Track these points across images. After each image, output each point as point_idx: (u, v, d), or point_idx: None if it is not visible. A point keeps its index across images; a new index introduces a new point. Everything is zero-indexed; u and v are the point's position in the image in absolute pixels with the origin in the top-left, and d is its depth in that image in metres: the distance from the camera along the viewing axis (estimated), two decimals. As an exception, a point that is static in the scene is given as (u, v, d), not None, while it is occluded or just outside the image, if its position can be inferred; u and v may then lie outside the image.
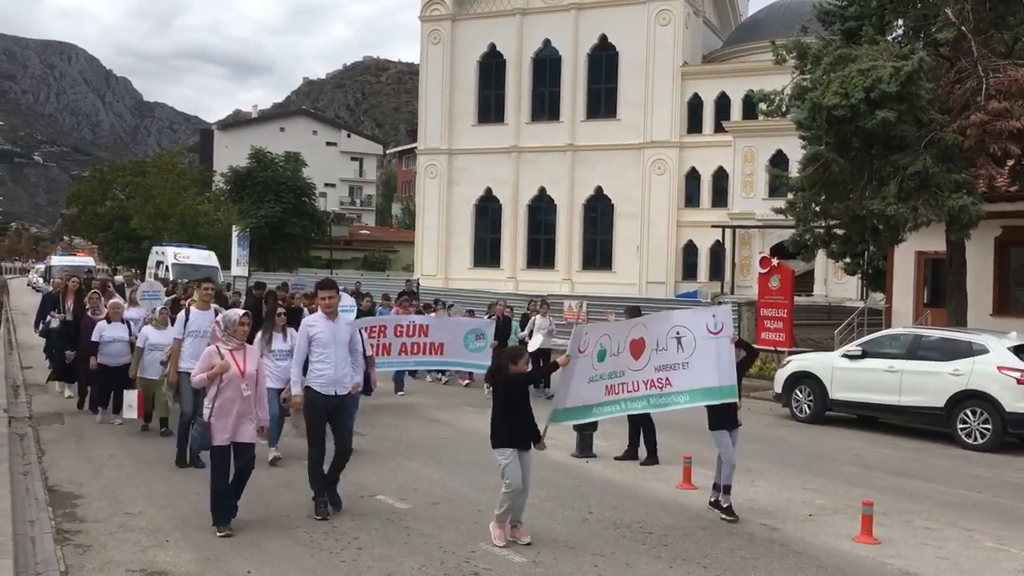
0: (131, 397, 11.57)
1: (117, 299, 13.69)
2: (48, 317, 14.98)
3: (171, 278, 28.96)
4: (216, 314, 9.40)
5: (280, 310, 10.72)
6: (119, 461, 10.10)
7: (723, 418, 8.45)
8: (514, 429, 7.34)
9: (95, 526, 7.58)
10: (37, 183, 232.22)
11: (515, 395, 7.40)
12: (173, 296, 15.59)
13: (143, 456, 10.43)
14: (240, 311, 7.83)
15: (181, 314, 10.26)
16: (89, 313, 13.23)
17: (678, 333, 8.10)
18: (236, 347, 7.50)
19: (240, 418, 7.37)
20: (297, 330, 8.92)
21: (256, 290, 18.54)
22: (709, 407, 8.34)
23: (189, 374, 9.10)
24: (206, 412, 7.39)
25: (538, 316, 17.49)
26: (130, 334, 12.56)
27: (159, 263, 35.18)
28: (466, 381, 18.27)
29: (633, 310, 12.20)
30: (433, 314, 18.11)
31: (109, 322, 12.60)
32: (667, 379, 8.09)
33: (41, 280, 51.32)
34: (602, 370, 8.10)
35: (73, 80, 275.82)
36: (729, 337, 8.17)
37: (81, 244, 69.76)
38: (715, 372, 8.06)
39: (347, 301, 12.20)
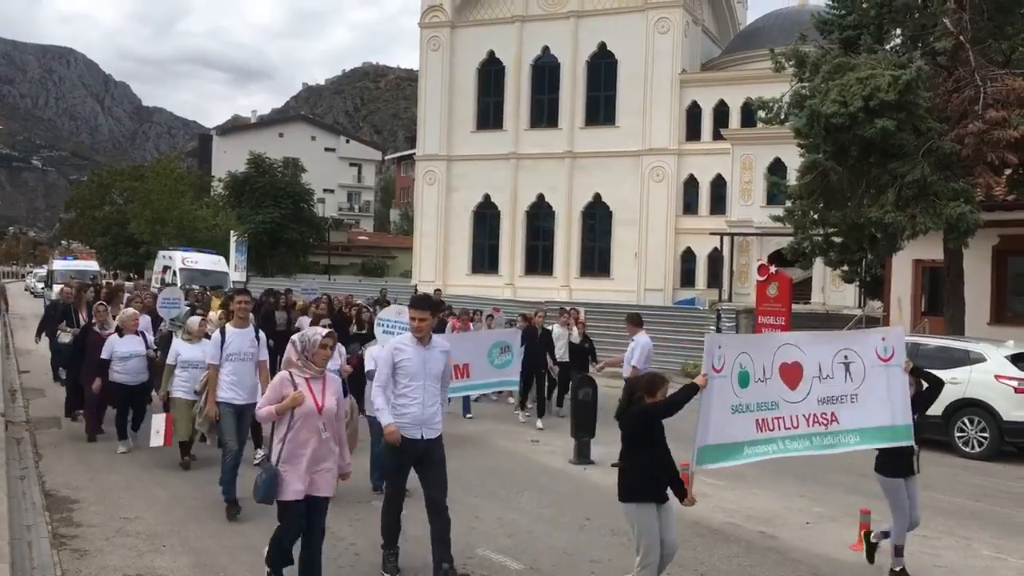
0: (159, 422, 10.02)
1: (130, 308, 12.05)
2: (58, 332, 13.70)
3: (179, 283, 27.76)
4: (256, 331, 8.75)
5: (326, 322, 9.52)
6: (116, 466, 10.08)
7: (899, 464, 7.07)
8: (657, 477, 6.04)
9: (92, 531, 7.57)
10: (35, 187, 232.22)
11: (655, 433, 6.09)
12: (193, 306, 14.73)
13: (140, 460, 10.40)
14: (321, 329, 6.17)
15: (216, 334, 8.68)
16: (96, 328, 11.82)
17: (846, 358, 6.77)
18: (314, 375, 5.92)
19: (316, 464, 5.83)
20: (346, 347, 8.50)
21: (268, 297, 17.84)
22: (880, 449, 7.08)
23: (231, 406, 8.33)
24: (273, 455, 5.84)
25: (556, 325, 16.01)
26: (147, 347, 11.25)
27: (166, 268, 33.56)
28: (495, 397, 16.75)
29: (634, 318, 12.21)
30: (472, 326, 16.90)
31: (122, 335, 11.08)
32: (833, 415, 6.73)
33: (40, 285, 50.25)
34: (748, 399, 6.48)
35: (72, 84, 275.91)
36: (901, 366, 6.87)
37: (79, 248, 69.59)
38: (887, 408, 6.82)
39: (406, 317, 10.93)
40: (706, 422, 6.24)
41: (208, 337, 10.10)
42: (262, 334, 8.82)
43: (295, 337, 6.04)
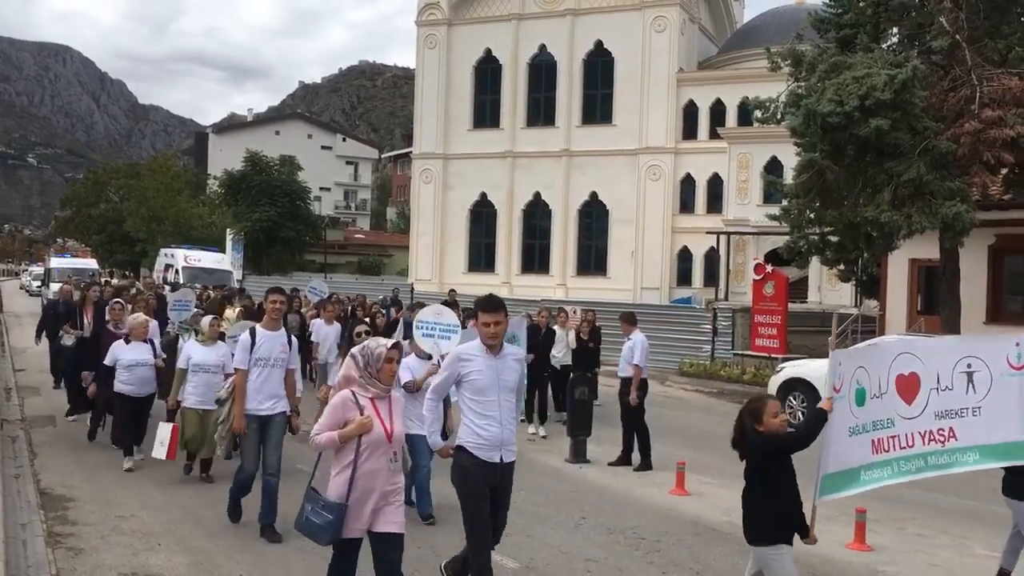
0: (164, 432, 9.23)
1: (141, 314, 10.87)
2: (61, 333, 12.86)
3: (181, 282, 26.90)
4: (289, 335, 7.82)
5: (363, 328, 8.56)
6: (111, 464, 10.04)
7: None
8: (791, 514, 5.37)
9: (87, 529, 7.55)
10: (31, 185, 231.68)
11: (784, 466, 5.35)
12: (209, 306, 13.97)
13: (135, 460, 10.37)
14: (384, 340, 5.24)
15: (244, 336, 7.66)
16: (111, 327, 11.01)
17: (969, 366, 5.97)
18: (379, 395, 5.07)
19: (384, 499, 5.03)
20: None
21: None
22: (1008, 469, 6.41)
23: (255, 417, 7.50)
24: (334, 489, 4.96)
25: (556, 326, 14.72)
26: (155, 355, 10.24)
27: (168, 266, 32.54)
28: None
29: (629, 317, 12.17)
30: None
31: (128, 341, 10.12)
32: (951, 430, 5.96)
33: (36, 284, 49.52)
34: (864, 418, 5.77)
35: (68, 82, 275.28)
36: None
37: (75, 246, 69.37)
38: (1018, 422, 6.05)
39: (447, 318, 8.89)
40: (827, 448, 5.62)
41: (222, 339, 9.74)
42: (295, 339, 7.97)
43: (355, 351, 5.12)
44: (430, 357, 8.27)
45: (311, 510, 4.93)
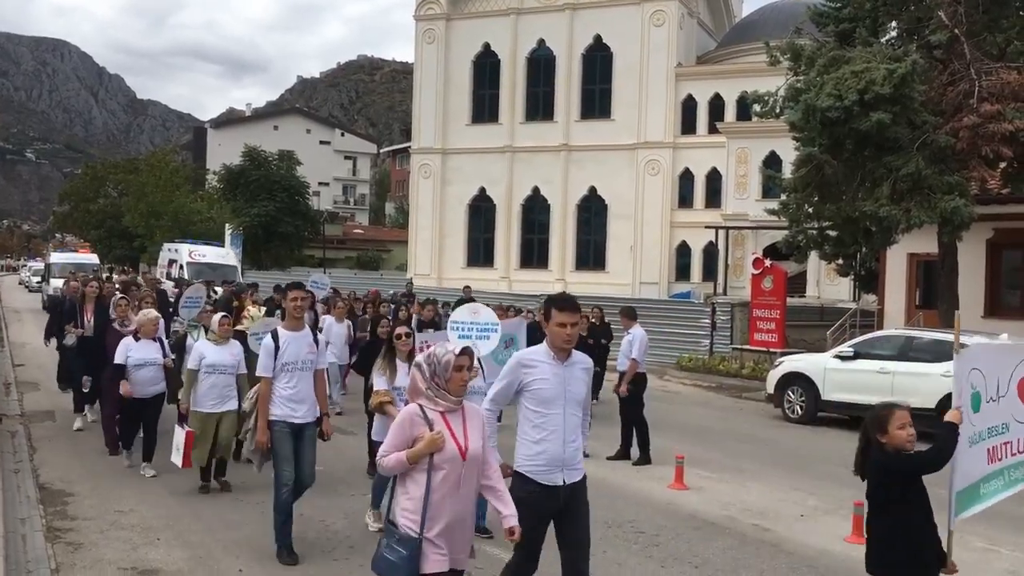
0: (179, 438, 8.66)
1: (152, 311, 10.29)
2: (65, 332, 12.24)
3: (186, 277, 26.33)
4: (315, 334, 7.30)
5: (404, 331, 7.68)
6: (110, 459, 10.05)
7: None
8: (927, 543, 4.68)
9: (86, 524, 7.56)
10: (29, 180, 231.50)
11: (918, 486, 4.72)
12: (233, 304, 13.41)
13: (135, 454, 10.37)
14: (452, 345, 4.52)
15: (267, 341, 7.00)
16: (116, 325, 10.52)
17: None
18: (450, 408, 4.39)
19: (457, 526, 4.34)
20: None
21: (277, 294, 17.12)
22: None
23: (287, 425, 6.87)
24: (403, 517, 4.27)
25: None
26: (164, 354, 9.79)
27: (172, 261, 31.67)
28: None
29: (628, 311, 12.17)
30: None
31: (137, 339, 9.63)
32: None
33: (36, 280, 48.66)
34: (980, 425, 5.20)
35: (66, 77, 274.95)
36: None
37: (73, 241, 69.28)
38: None
39: (484, 317, 8.30)
40: (955, 463, 5.00)
41: (236, 338, 9.24)
42: (321, 337, 7.43)
43: (420, 359, 4.45)
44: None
45: (386, 545, 4.29)
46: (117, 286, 14.97)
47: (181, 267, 29.76)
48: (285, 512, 6.88)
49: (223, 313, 9.48)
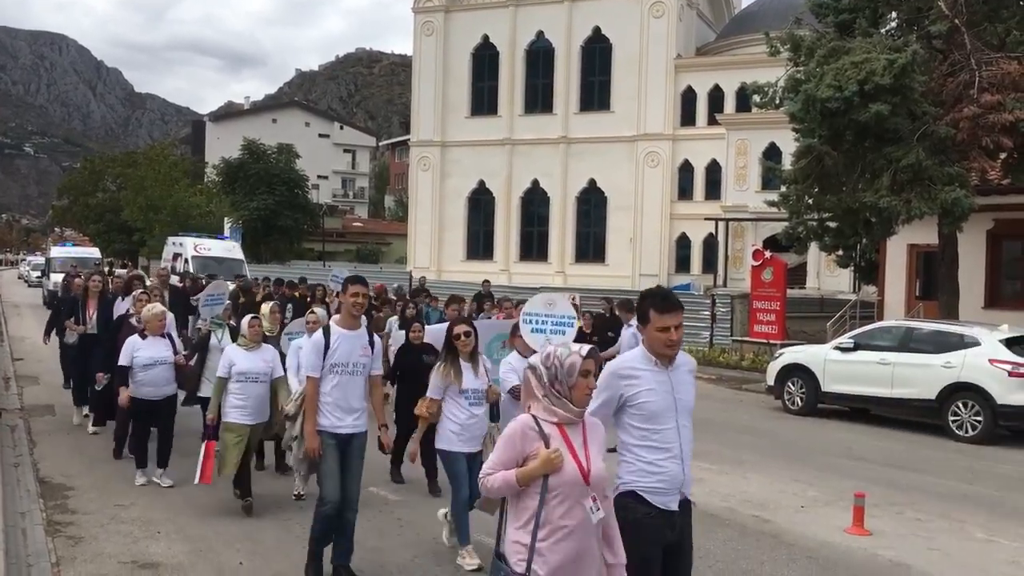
0: (201, 449, 7.99)
1: (157, 305, 9.52)
2: (66, 329, 11.73)
3: (191, 271, 25.34)
4: (371, 334, 6.40)
5: (464, 329, 6.75)
6: (110, 453, 10.03)
7: None
8: None
9: (86, 518, 7.56)
10: (28, 174, 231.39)
11: None
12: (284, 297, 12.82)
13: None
14: (576, 346, 3.75)
15: (317, 336, 6.28)
16: (134, 321, 9.65)
17: None
18: (570, 420, 3.65)
19: (578, 562, 3.56)
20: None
21: (287, 288, 15.91)
22: None
23: (333, 436, 6.13)
24: (513, 549, 3.57)
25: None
26: (175, 351, 9.02)
27: (176, 255, 30.30)
28: None
29: (627, 304, 12.13)
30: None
31: (144, 336, 8.84)
32: None
33: (36, 274, 48.11)
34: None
35: (64, 71, 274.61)
36: None
37: (72, 235, 69.25)
38: None
39: (560, 309, 7.52)
40: None
41: (267, 341, 8.43)
42: (378, 339, 6.54)
43: (537, 360, 3.70)
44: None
45: None
46: (119, 280, 14.46)
47: (186, 261, 28.84)
48: (324, 534, 6.15)
49: (253, 315, 8.39)
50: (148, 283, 14.01)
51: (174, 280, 21.35)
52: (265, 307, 10.17)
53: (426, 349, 9.10)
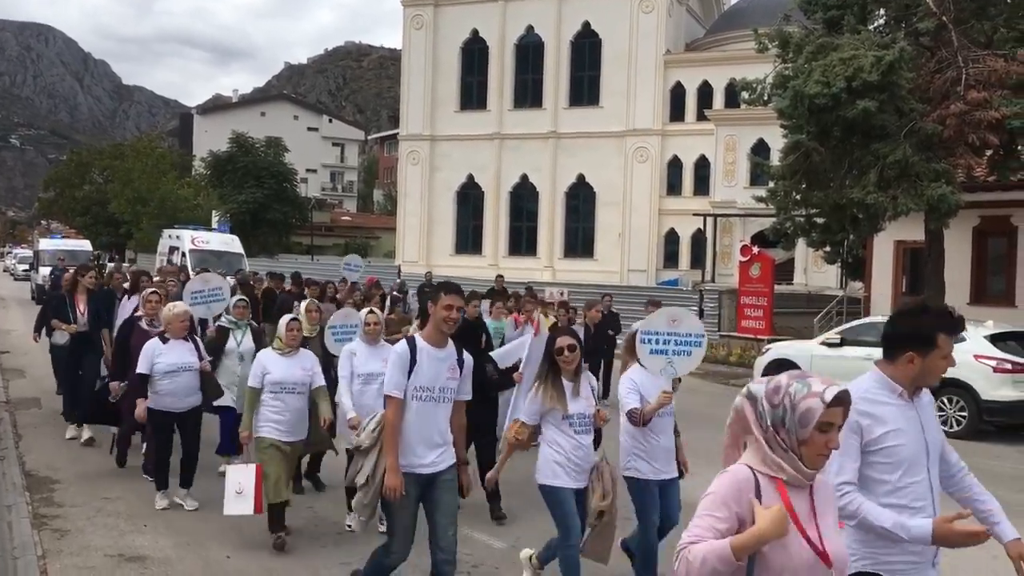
0: (243, 475, 6.82)
1: (179, 304, 8.34)
2: (53, 328, 10.67)
3: (189, 266, 24.05)
4: (460, 353, 5.22)
5: (568, 342, 5.57)
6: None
7: None
8: None
9: (73, 511, 7.54)
10: (14, 166, 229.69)
11: None
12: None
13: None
14: (819, 384, 2.57)
15: (401, 349, 5.09)
16: (143, 324, 8.59)
17: None
18: (797, 481, 2.61)
19: None
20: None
21: (294, 287, 14.81)
22: None
23: (412, 475, 5.08)
24: None
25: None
26: (200, 356, 7.95)
27: (173, 249, 29.19)
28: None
29: (656, 302, 11.78)
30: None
31: (166, 340, 7.78)
32: None
33: (23, 267, 47.10)
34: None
35: (50, 62, 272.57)
36: None
37: (59, 228, 68.90)
38: None
39: (687, 326, 6.15)
40: None
41: (305, 346, 7.51)
42: (468, 358, 5.33)
43: (757, 390, 2.67)
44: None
45: None
46: (119, 277, 12.91)
47: (183, 254, 27.70)
48: (380, 572, 5.30)
49: (292, 316, 7.38)
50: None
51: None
52: (302, 306, 9.26)
53: (483, 357, 7.67)
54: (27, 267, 43.89)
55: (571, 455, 5.48)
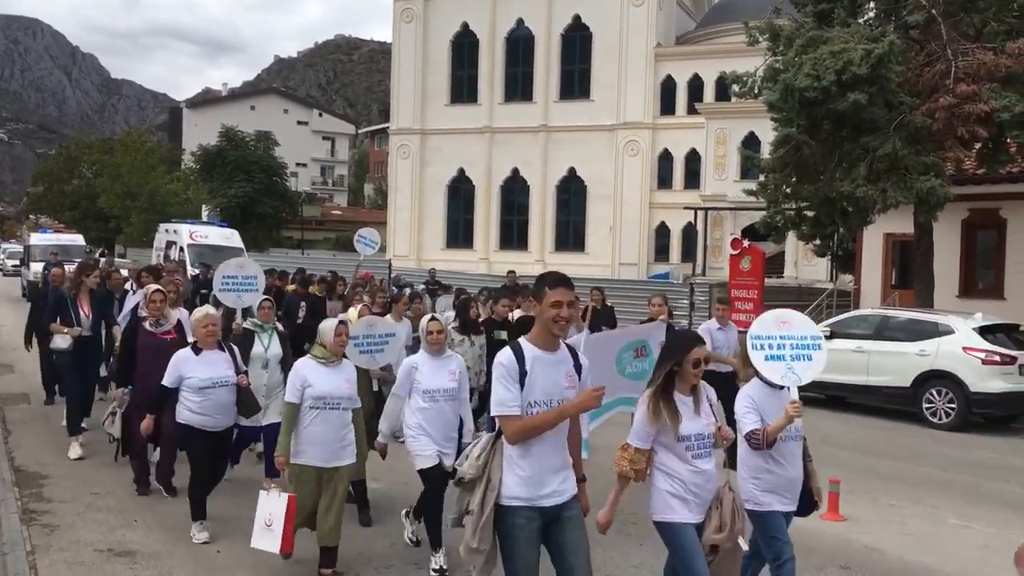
0: (276, 506, 5.90)
1: (207, 307, 7.54)
2: (52, 332, 9.76)
3: (187, 261, 23.18)
4: (575, 357, 4.33)
5: (702, 353, 4.71)
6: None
7: None
8: None
9: (62, 506, 7.51)
10: (2, 161, 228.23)
11: None
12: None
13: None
14: None
15: (507, 356, 4.18)
16: (147, 325, 7.89)
17: None
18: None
19: None
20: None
21: (300, 286, 13.89)
22: None
23: (532, 509, 4.21)
24: None
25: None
26: (236, 369, 7.02)
27: (170, 243, 28.06)
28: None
29: (724, 299, 11.38)
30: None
31: (198, 351, 6.88)
32: None
33: (12, 263, 46.29)
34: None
35: (38, 56, 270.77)
36: None
37: (47, 223, 68.52)
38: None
39: (800, 328, 5.49)
40: None
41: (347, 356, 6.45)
42: (584, 360, 4.42)
43: None
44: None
45: None
46: (118, 277, 12.27)
47: (181, 249, 26.58)
48: None
49: (340, 320, 6.45)
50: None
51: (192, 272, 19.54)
52: (352, 311, 8.38)
53: None
54: (17, 263, 43.47)
55: (689, 483, 4.64)
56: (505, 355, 4.17)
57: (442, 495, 6.15)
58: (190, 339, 7.35)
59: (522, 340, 4.27)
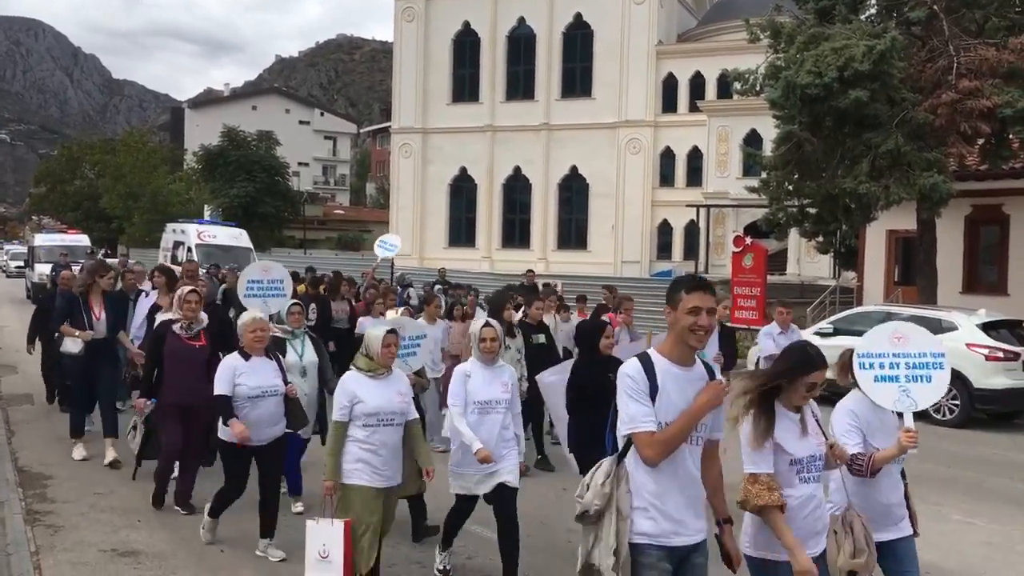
0: (329, 536, 5.33)
1: (254, 312, 6.78)
2: (62, 335, 9.27)
3: (195, 260, 21.93)
4: (710, 373, 3.81)
5: (820, 378, 3.99)
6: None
7: None
8: None
9: (66, 507, 7.52)
10: (4, 162, 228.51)
11: None
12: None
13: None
14: None
15: (634, 366, 3.66)
16: (178, 328, 7.44)
17: None
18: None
19: None
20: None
21: (310, 287, 13.67)
22: None
23: (661, 550, 3.68)
24: None
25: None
26: (284, 379, 6.64)
27: (177, 243, 27.46)
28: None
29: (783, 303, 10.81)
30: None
31: (247, 357, 6.45)
32: None
33: (16, 264, 46.63)
34: None
35: (40, 57, 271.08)
36: None
37: (49, 223, 68.57)
38: None
39: (918, 343, 4.74)
40: None
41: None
42: (719, 377, 3.86)
43: None
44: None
45: None
46: (131, 277, 11.75)
47: (189, 249, 26.06)
48: None
49: (390, 329, 5.75)
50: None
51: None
52: (391, 314, 7.92)
53: (612, 364, 5.88)
54: (21, 264, 43.42)
55: (796, 510, 3.93)
56: (632, 367, 3.65)
57: (469, 515, 6.13)
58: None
59: (652, 351, 3.75)
